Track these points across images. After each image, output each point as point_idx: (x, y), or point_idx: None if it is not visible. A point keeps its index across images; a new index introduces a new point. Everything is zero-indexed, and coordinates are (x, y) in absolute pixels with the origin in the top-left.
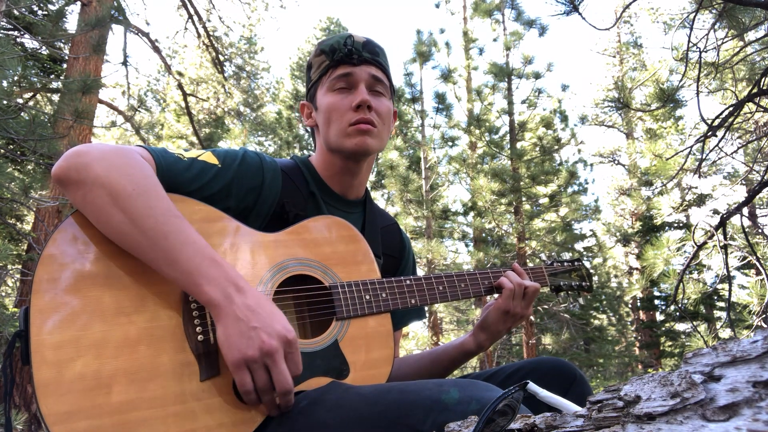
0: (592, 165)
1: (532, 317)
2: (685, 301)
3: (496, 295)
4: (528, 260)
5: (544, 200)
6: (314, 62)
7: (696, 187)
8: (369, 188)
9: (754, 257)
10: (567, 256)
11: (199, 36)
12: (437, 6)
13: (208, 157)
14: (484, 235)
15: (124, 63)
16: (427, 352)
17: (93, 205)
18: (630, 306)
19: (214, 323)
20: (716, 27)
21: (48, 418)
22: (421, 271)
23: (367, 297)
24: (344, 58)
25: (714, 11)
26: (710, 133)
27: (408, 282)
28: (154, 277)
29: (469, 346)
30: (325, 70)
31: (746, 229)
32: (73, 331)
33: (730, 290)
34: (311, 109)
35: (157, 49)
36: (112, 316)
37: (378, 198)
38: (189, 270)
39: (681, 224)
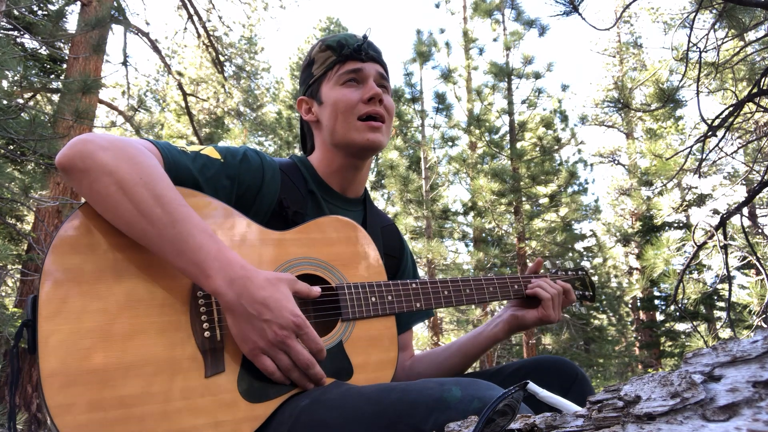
0: (592, 165)
1: None
2: (685, 301)
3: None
4: (528, 260)
5: (544, 200)
6: (318, 57)
7: (696, 187)
8: (368, 188)
9: (754, 257)
10: (569, 259)
11: (199, 36)
12: (437, 6)
13: (210, 152)
14: (484, 235)
15: (124, 63)
16: (455, 345)
17: (99, 194)
18: (630, 306)
19: (224, 314)
20: (716, 27)
21: (53, 410)
22: (421, 271)
23: (373, 299)
24: (353, 54)
25: (714, 11)
26: (710, 133)
27: (414, 285)
28: (163, 271)
29: (500, 336)
30: (332, 65)
31: (746, 229)
32: (81, 322)
33: (730, 290)
34: (311, 104)
35: (157, 49)
36: (121, 309)
37: (378, 198)
38: (196, 261)
39: (681, 224)
